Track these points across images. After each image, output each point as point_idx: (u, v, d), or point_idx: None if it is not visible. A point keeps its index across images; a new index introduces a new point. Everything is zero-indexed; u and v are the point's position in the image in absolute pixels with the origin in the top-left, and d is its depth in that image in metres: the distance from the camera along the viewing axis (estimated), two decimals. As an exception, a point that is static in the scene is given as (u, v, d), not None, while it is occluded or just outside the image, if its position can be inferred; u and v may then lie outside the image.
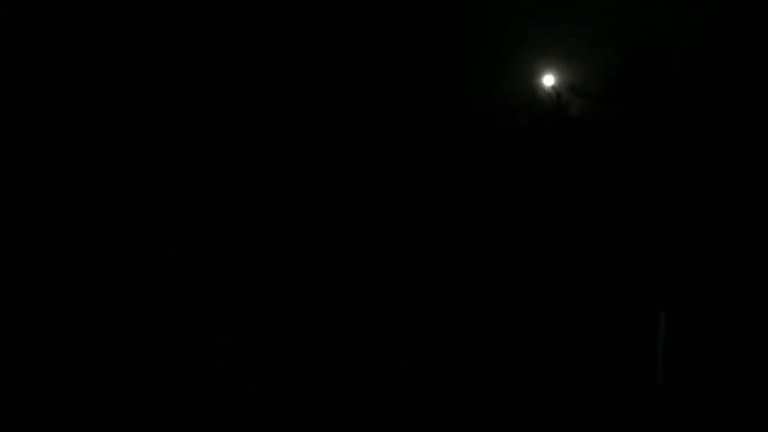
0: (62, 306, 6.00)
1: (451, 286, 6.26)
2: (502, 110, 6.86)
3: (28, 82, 6.44)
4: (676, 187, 6.46)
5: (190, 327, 5.99)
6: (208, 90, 6.65)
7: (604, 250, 6.33)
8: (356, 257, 6.40)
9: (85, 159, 6.43)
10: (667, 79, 6.72)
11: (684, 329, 5.86)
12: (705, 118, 6.52)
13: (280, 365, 5.88)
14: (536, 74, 7.04)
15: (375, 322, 6.14)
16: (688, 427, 5.39)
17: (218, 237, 6.40)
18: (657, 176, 6.52)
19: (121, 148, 6.50)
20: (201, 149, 6.58)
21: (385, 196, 6.63)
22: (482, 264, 6.35)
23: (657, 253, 6.28)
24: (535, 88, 7.03)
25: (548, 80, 7.03)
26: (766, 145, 6.42)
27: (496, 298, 6.17)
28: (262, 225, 6.50)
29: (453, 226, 6.53)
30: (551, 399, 5.61)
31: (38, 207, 6.26)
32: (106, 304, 6.05)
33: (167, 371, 5.77)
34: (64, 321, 5.94)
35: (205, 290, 6.17)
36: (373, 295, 6.26)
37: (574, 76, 6.98)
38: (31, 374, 5.70)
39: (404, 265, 6.35)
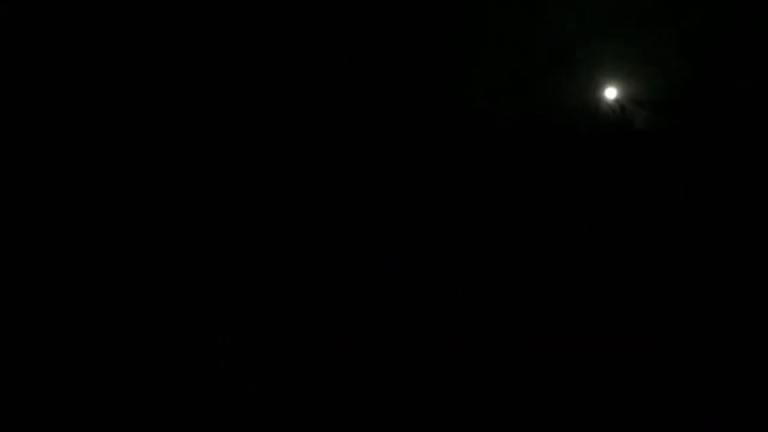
0: (62, 306, 6.00)
1: (451, 286, 6.26)
2: (560, 122, 6.71)
3: (28, 82, 6.44)
4: (690, 191, 6.40)
5: (190, 327, 6.00)
6: (208, 90, 6.65)
7: (604, 250, 6.33)
8: (356, 257, 6.40)
9: (85, 159, 6.42)
10: (736, 90, 6.50)
11: (684, 329, 5.86)
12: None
13: (280, 365, 5.88)
14: (598, 87, 6.83)
15: (375, 322, 6.14)
16: (688, 427, 5.39)
17: (218, 237, 6.40)
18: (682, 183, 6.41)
19: (121, 148, 6.50)
20: (201, 149, 6.58)
21: (385, 196, 6.63)
22: (482, 264, 6.35)
23: (657, 252, 6.27)
24: (597, 101, 6.80)
25: (611, 93, 6.83)
26: None
27: (496, 298, 6.17)
28: (262, 225, 6.50)
29: (453, 226, 6.52)
30: (551, 399, 5.61)
31: (38, 207, 6.26)
32: (106, 304, 6.05)
33: (167, 371, 5.78)
34: (64, 321, 5.94)
35: (205, 290, 6.17)
36: (373, 295, 6.26)
37: (637, 88, 6.80)
38: (31, 374, 5.70)
39: (404, 265, 6.35)
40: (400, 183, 6.67)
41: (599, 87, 6.79)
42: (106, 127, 6.52)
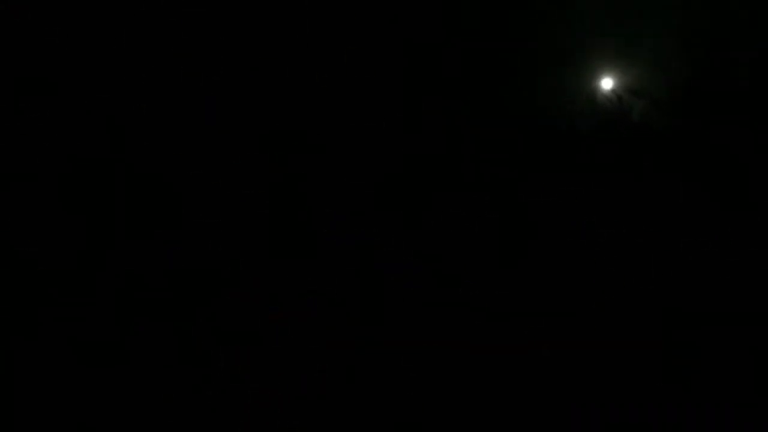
0: (62, 306, 6.00)
1: (451, 286, 6.26)
2: (557, 114, 6.60)
3: (28, 82, 6.44)
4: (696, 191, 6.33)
5: (190, 327, 5.99)
6: (208, 90, 6.65)
7: (604, 250, 6.33)
8: (356, 257, 6.40)
9: (85, 159, 6.43)
10: (738, 83, 6.38)
11: (684, 329, 5.86)
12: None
13: (280, 365, 5.88)
14: (594, 77, 6.73)
15: (375, 322, 6.14)
16: (688, 427, 5.39)
17: (218, 237, 6.40)
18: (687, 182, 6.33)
19: (121, 148, 6.50)
20: (201, 149, 6.58)
21: (386, 196, 6.62)
22: (482, 264, 6.35)
23: (657, 252, 6.27)
24: (593, 92, 6.67)
25: (607, 83, 6.70)
26: None
27: (496, 298, 6.17)
28: (262, 225, 6.50)
29: (453, 226, 6.52)
30: (551, 399, 5.61)
31: (38, 207, 6.26)
32: (106, 304, 6.05)
33: (167, 371, 5.78)
34: (64, 321, 5.94)
35: (205, 290, 6.17)
36: (373, 295, 6.26)
37: (635, 78, 6.70)
38: (31, 374, 5.71)
39: (404, 265, 6.35)
40: (400, 183, 6.67)
41: (596, 78, 6.74)
42: (106, 127, 6.52)
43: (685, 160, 6.51)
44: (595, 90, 6.67)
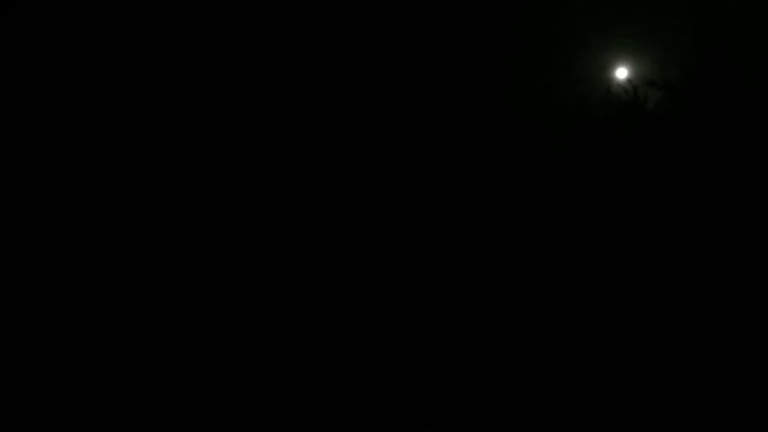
0: (62, 306, 6.01)
1: (450, 286, 6.26)
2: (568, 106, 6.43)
3: (28, 82, 6.46)
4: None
5: (193, 332, 6.00)
6: (208, 90, 6.65)
7: (605, 249, 6.33)
8: (355, 257, 6.41)
9: (85, 159, 6.44)
10: (751, 73, 6.21)
11: (684, 329, 5.86)
12: None
13: (281, 366, 5.90)
14: (608, 67, 6.57)
15: (375, 322, 6.14)
16: (687, 426, 5.40)
17: (218, 236, 6.41)
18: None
19: (120, 147, 6.51)
20: (201, 149, 6.59)
21: (385, 197, 6.63)
22: (482, 264, 6.35)
23: (658, 251, 6.27)
24: (607, 82, 6.49)
25: (621, 73, 6.53)
26: None
27: (496, 298, 6.17)
28: (262, 225, 6.51)
29: (453, 226, 6.53)
30: (551, 399, 5.62)
31: (38, 207, 6.28)
32: (106, 304, 6.06)
33: (171, 377, 5.79)
34: (63, 321, 5.95)
35: (203, 291, 6.18)
36: (373, 295, 6.27)
37: (649, 68, 6.50)
38: (31, 374, 5.72)
39: (404, 264, 6.36)
40: (400, 183, 6.67)
41: (610, 68, 6.59)
42: (106, 126, 6.53)
43: (702, 152, 6.37)
44: (609, 80, 6.51)
